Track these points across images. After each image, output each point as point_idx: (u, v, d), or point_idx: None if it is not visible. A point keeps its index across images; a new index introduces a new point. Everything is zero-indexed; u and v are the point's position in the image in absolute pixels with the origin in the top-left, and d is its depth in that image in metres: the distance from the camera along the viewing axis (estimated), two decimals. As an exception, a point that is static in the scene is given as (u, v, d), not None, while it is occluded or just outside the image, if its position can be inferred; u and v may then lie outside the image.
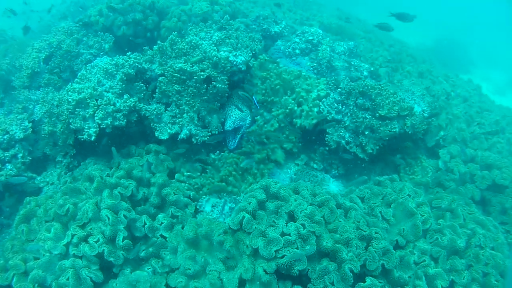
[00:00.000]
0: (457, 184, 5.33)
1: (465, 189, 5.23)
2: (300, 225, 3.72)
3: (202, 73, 5.10)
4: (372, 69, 6.29)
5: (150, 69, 5.68)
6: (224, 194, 4.91)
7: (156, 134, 5.23)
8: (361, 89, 5.34)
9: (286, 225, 3.76)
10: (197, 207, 4.81)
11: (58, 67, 6.21)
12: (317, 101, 5.39)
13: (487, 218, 4.82)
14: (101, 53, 6.30)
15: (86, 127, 5.05)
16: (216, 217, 4.71)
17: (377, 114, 5.23)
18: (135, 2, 6.47)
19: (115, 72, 5.32)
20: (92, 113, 5.00)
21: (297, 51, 6.37)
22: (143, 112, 5.32)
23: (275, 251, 3.58)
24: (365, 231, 3.97)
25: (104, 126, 5.00)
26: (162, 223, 4.41)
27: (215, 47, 5.31)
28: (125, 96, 5.21)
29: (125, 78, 5.30)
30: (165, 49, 5.50)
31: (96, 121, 4.98)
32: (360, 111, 5.29)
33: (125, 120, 5.12)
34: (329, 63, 6.19)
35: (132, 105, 5.19)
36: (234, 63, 5.30)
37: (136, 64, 5.52)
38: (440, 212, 4.66)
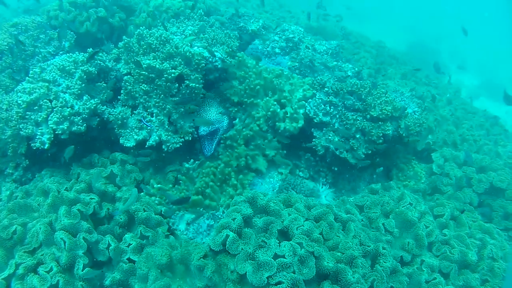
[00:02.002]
0: (454, 189, 4.73)
1: (463, 194, 4.63)
2: (296, 245, 2.97)
3: (173, 70, 4.31)
4: (356, 69, 5.67)
5: (115, 68, 4.84)
6: (201, 209, 4.10)
7: (121, 141, 4.38)
8: (349, 89, 4.69)
9: (279, 245, 3.00)
10: (170, 224, 3.97)
11: (10, 67, 5.25)
12: (303, 101, 4.69)
13: (491, 225, 4.23)
14: (61, 52, 5.37)
15: (38, 133, 4.14)
16: (192, 237, 3.89)
17: (368, 116, 4.58)
18: (100, -4, 5.63)
19: (74, 70, 4.45)
20: (45, 116, 4.11)
21: (277, 50, 5.68)
22: (105, 116, 4.47)
23: (268, 277, 2.81)
24: (369, 246, 3.27)
25: (60, 132, 4.12)
26: (129, 244, 3.56)
27: (188, 42, 4.53)
28: (84, 98, 4.35)
29: (85, 77, 4.44)
30: (131, 45, 4.67)
31: (50, 126, 4.09)
32: (349, 112, 4.63)
33: (84, 124, 4.25)
34: (312, 62, 5.52)
35: (93, 107, 4.33)
36: (210, 59, 4.53)
37: (99, 62, 4.67)
38: (444, 221, 4.02)
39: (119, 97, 4.56)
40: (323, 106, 4.64)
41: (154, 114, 4.42)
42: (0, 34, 5.26)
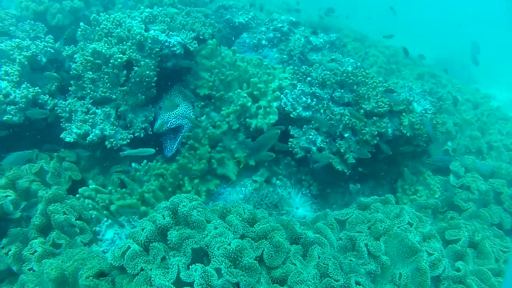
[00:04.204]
0: (477, 206, 3.43)
1: (489, 212, 3.33)
2: (212, 271, 1.89)
3: (120, 55, 3.43)
4: (359, 64, 4.54)
5: (72, 58, 4.05)
6: (136, 218, 3.10)
7: (62, 135, 3.51)
8: (339, 78, 3.59)
9: (188, 268, 1.93)
10: (97, 231, 3.01)
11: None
12: (278, 93, 3.63)
13: (528, 258, 2.91)
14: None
15: (-38, 124, 3.37)
16: (107, 250, 2.90)
17: (362, 110, 3.45)
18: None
19: (15, 56, 3.68)
20: (-32, 104, 3.34)
21: (264, 42, 4.68)
22: (49, 107, 3.64)
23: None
24: (337, 281, 2.13)
25: (-16, 122, 3.33)
26: (35, 251, 2.67)
27: (143, 25, 3.65)
28: (22, 86, 3.55)
29: (27, 63, 3.66)
30: (88, 33, 3.88)
31: (-28, 115, 3.31)
32: (337, 106, 3.52)
33: (18, 115, 3.43)
34: (303, 55, 4.47)
35: (30, 96, 3.51)
36: (166, 44, 3.61)
37: (50, 50, 3.89)
38: (458, 248, 2.76)
39: (70, 88, 3.75)
40: (303, 98, 3.56)
41: (99, 106, 3.54)
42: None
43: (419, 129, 3.50)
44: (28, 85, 3.57)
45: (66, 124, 3.59)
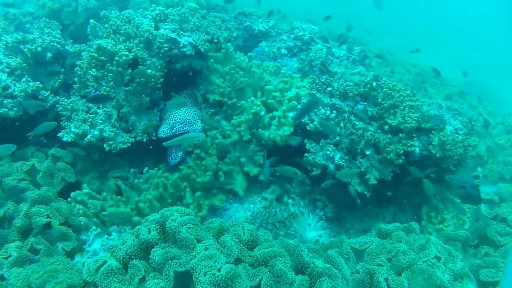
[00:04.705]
0: (515, 242, 2.98)
1: (530, 252, 2.88)
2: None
3: (126, 52, 3.17)
4: (384, 79, 4.16)
5: (80, 55, 3.83)
6: (127, 228, 2.78)
7: (60, 134, 3.25)
8: (362, 89, 3.24)
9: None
10: (84, 240, 2.70)
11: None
12: (294, 102, 3.29)
13: None
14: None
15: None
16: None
17: (386, 126, 3.07)
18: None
19: (23, 48, 3.48)
20: (-36, 95, 3.12)
21: (283, 51, 4.38)
22: (49, 103, 3.41)
23: None
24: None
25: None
26: (9, 256, 2.35)
27: (153, 23, 3.40)
28: (23, 79, 3.32)
29: (30, 56, 3.44)
30: (97, 30, 3.66)
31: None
32: (359, 120, 3.16)
33: (15, 109, 3.20)
34: (324, 66, 4.14)
35: (29, 91, 3.28)
36: (176, 44, 3.34)
37: (56, 45, 3.68)
38: (495, 293, 2.32)
39: (74, 86, 3.51)
40: (322, 110, 3.21)
41: (101, 106, 3.28)
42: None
43: (450, 150, 3.09)
44: (29, 79, 3.36)
45: (66, 123, 3.34)
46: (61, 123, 3.35)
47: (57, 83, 3.55)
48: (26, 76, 3.35)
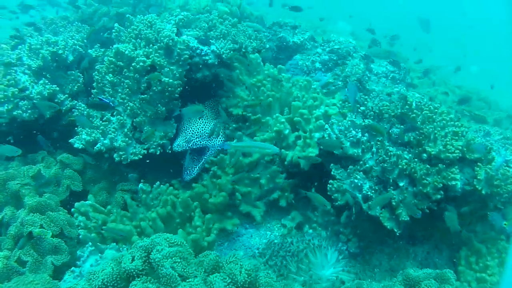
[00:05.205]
0: None
1: None
2: None
3: (143, 58, 2.98)
4: (425, 100, 3.74)
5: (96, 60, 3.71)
6: (125, 248, 2.54)
7: (71, 140, 3.09)
8: (399, 111, 2.86)
9: None
10: (78, 256, 2.49)
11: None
12: (322, 121, 2.95)
13: None
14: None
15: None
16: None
17: (424, 155, 2.67)
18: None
19: (40, 50, 3.38)
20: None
21: (317, 65, 4.06)
22: (65, 108, 3.27)
23: None
24: None
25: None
26: None
27: (175, 28, 3.19)
28: (40, 82, 3.21)
29: (49, 58, 3.33)
30: (121, 34, 3.52)
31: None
32: (393, 145, 2.78)
33: (29, 112, 3.08)
34: (361, 83, 3.79)
35: (46, 93, 3.16)
36: (198, 51, 3.11)
37: (78, 48, 3.56)
38: None
39: (93, 91, 3.37)
40: (353, 131, 2.85)
41: (115, 113, 3.10)
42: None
43: (499, 187, 2.64)
44: (46, 81, 3.24)
45: (79, 129, 3.18)
46: (76, 128, 3.21)
47: (76, 87, 3.42)
48: (43, 78, 3.24)
